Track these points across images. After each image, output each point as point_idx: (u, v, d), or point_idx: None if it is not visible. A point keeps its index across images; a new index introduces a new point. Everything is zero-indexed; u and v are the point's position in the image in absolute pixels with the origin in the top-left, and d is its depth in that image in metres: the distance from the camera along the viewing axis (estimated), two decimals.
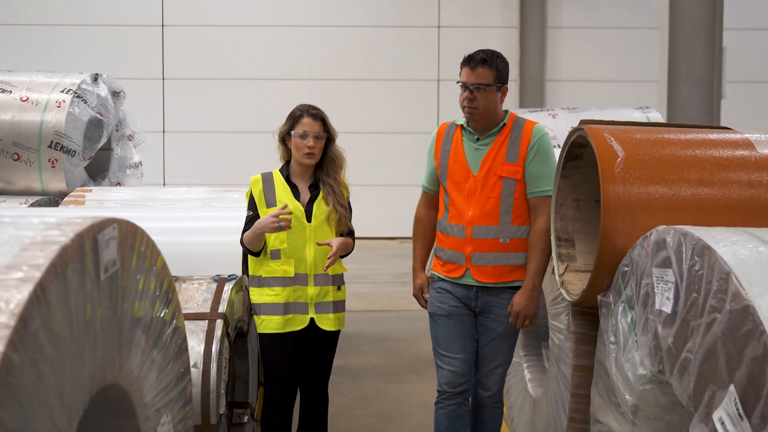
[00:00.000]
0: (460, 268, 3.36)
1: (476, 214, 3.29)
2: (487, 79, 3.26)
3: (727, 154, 2.58)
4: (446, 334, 3.41)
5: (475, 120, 3.33)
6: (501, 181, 3.27)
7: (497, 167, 3.28)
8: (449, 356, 3.39)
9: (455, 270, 3.38)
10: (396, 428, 4.81)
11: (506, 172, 3.28)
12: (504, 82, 3.33)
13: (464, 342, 3.40)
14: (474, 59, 3.28)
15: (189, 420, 2.65)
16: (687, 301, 1.92)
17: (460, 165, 3.34)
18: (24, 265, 1.55)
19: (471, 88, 3.26)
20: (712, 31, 8.03)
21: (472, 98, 3.27)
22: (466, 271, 3.35)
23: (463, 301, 3.39)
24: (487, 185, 3.28)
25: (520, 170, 3.28)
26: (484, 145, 3.33)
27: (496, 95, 3.30)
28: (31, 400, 1.49)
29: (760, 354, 1.57)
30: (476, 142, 3.34)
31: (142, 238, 2.18)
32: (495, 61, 3.29)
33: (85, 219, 1.83)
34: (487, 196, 3.28)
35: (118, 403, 2.12)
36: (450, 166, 3.37)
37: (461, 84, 3.30)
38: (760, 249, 1.81)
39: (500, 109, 3.36)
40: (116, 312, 1.99)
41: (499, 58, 3.33)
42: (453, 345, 3.40)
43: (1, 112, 5.61)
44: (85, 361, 1.78)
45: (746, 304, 1.65)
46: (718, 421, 1.70)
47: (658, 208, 2.49)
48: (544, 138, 3.33)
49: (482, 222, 3.29)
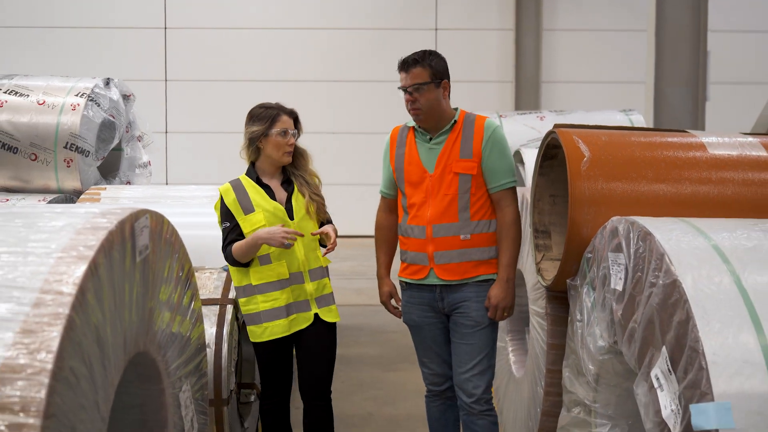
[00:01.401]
0: (424, 268, 3.36)
1: (435, 212, 3.30)
2: (422, 77, 3.27)
3: (681, 155, 2.92)
4: (420, 343, 3.50)
5: (421, 120, 3.34)
6: (457, 177, 3.28)
7: (452, 164, 3.29)
8: (427, 361, 3.50)
9: (419, 271, 3.38)
10: (392, 411, 5.14)
11: (461, 168, 3.28)
12: (442, 78, 3.31)
13: (439, 349, 3.45)
14: (407, 62, 3.31)
15: (205, 391, 3.00)
16: (633, 279, 2.27)
17: (416, 166, 3.35)
18: (80, 246, 1.89)
19: (410, 90, 3.28)
20: (696, 35, 8.28)
21: (413, 99, 3.28)
22: (429, 271, 3.35)
23: (430, 305, 3.40)
24: (444, 183, 3.29)
25: (475, 165, 3.28)
26: (437, 144, 3.33)
27: (437, 92, 3.29)
28: (88, 354, 1.83)
29: (684, 319, 1.92)
30: (429, 142, 3.35)
31: (168, 227, 2.52)
32: (428, 59, 3.29)
33: (124, 209, 2.17)
34: (444, 194, 3.29)
35: (147, 369, 2.47)
36: (405, 168, 3.37)
37: (402, 89, 3.33)
38: (692, 235, 2.16)
39: (446, 106, 3.35)
40: (147, 290, 2.33)
41: (433, 56, 3.32)
42: (428, 353, 3.48)
43: (20, 114, 5.92)
44: (124, 328, 2.12)
45: (674, 278, 1.99)
46: (654, 377, 2.05)
47: (618, 202, 2.83)
48: (496, 132, 3.33)
49: (441, 220, 3.29)
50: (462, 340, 3.36)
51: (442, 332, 3.44)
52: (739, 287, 1.93)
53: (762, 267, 1.98)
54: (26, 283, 1.77)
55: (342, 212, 7.71)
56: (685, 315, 1.91)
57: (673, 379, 1.93)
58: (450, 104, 3.39)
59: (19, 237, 1.94)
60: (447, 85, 3.34)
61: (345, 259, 11.74)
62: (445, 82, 3.32)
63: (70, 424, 1.72)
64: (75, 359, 1.75)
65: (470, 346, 3.34)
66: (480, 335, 3.34)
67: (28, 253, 1.87)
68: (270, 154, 3.47)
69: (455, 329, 3.38)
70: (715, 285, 1.95)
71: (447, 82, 3.34)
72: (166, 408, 2.58)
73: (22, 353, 1.64)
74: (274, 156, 3.47)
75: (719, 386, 1.77)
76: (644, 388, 2.11)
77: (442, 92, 3.31)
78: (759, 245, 2.08)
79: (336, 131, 14.13)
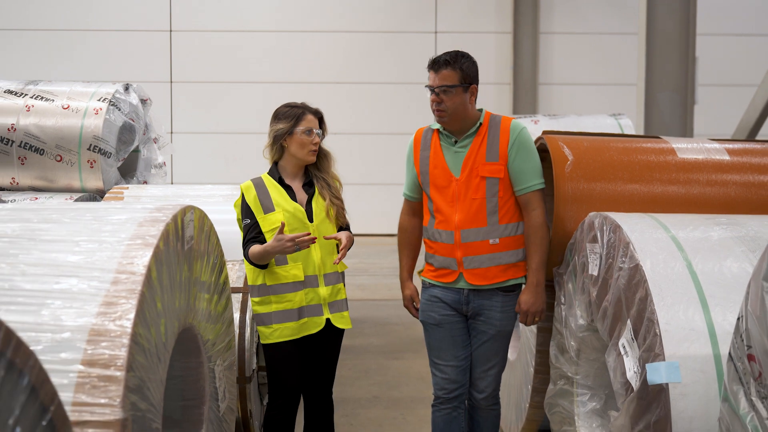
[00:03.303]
0: (453, 273, 3.31)
1: (463, 217, 3.24)
2: (451, 80, 3.21)
3: (653, 158, 3.32)
4: (437, 342, 3.39)
5: (445, 122, 3.28)
6: (484, 181, 3.23)
7: (478, 168, 3.23)
8: (442, 364, 3.38)
9: (448, 275, 3.33)
10: (396, 394, 5.52)
11: (488, 172, 3.23)
12: (471, 82, 3.25)
13: (456, 350, 3.37)
14: (438, 62, 3.24)
15: (234, 366, 3.39)
16: (606, 265, 2.67)
17: (441, 170, 3.29)
18: (145, 236, 2.30)
19: (437, 91, 3.22)
20: (685, 41, 8.59)
21: (439, 101, 3.22)
22: (459, 276, 3.30)
23: (454, 306, 3.35)
24: (471, 187, 3.24)
25: (502, 168, 3.23)
26: (462, 147, 3.28)
27: (464, 96, 3.23)
28: (153, 323, 2.23)
29: (644, 296, 2.32)
30: (455, 145, 3.30)
31: (207, 221, 2.93)
32: (459, 62, 3.23)
33: (174, 206, 2.57)
34: (471, 198, 3.23)
35: (189, 343, 2.87)
36: (431, 172, 3.32)
37: (428, 87, 3.28)
38: (654, 227, 2.56)
39: (472, 110, 3.30)
40: (192, 274, 2.73)
41: (465, 59, 3.26)
42: (444, 353, 3.37)
43: (46, 118, 6.32)
44: (176, 305, 2.52)
45: (637, 263, 2.40)
46: (621, 346, 2.45)
47: (597, 200, 3.24)
48: (523, 133, 3.27)
49: (470, 225, 3.24)
50: (480, 344, 3.35)
51: (462, 333, 3.38)
52: (690, 271, 2.34)
53: (710, 255, 2.38)
54: (104, 265, 2.17)
55: None
56: (645, 293, 2.31)
57: (635, 346, 2.34)
58: (475, 106, 3.34)
59: (92, 228, 2.34)
60: (475, 90, 3.28)
61: (347, 257, 12.08)
62: (473, 87, 3.27)
63: (141, 379, 2.12)
64: (144, 326, 2.15)
65: (488, 350, 3.34)
66: (499, 342, 3.35)
67: (102, 241, 2.27)
68: (294, 153, 3.44)
69: (476, 335, 3.36)
70: (670, 269, 2.35)
71: (475, 87, 3.28)
72: (204, 379, 2.98)
73: (106, 320, 2.04)
74: (298, 155, 3.44)
75: (669, 349, 2.17)
76: (613, 355, 2.52)
77: (469, 97, 3.26)
78: (709, 237, 2.48)
79: (336, 131, 14.40)
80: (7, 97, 6.43)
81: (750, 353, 1.72)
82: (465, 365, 3.38)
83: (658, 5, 8.42)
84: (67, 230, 2.32)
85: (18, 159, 6.31)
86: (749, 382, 1.73)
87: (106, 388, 1.94)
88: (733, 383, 1.80)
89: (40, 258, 2.18)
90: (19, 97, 6.43)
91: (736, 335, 1.81)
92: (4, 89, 6.52)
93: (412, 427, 4.80)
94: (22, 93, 6.48)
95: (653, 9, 8.54)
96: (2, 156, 6.28)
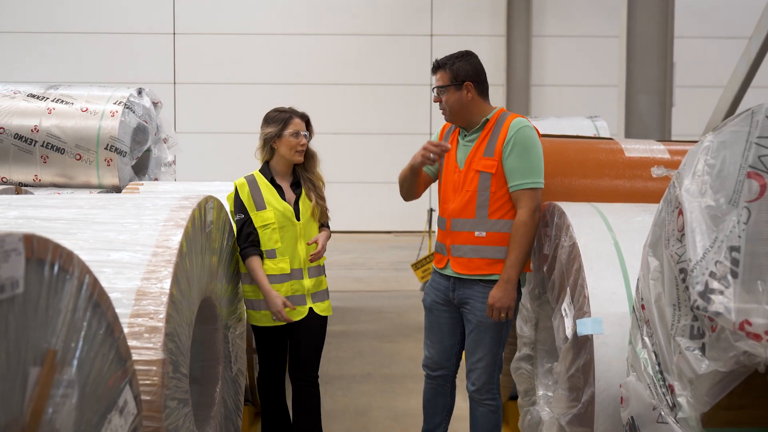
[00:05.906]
0: (443, 258, 3.48)
1: (455, 207, 3.38)
2: (443, 80, 3.38)
3: (603, 157, 3.87)
4: (428, 324, 3.60)
5: (448, 119, 3.47)
6: (477, 175, 3.34)
7: (475, 162, 3.35)
8: (428, 344, 3.61)
9: (441, 260, 3.51)
10: (387, 372, 6.04)
11: (482, 167, 3.33)
12: (464, 80, 3.36)
13: (440, 335, 3.54)
14: (434, 65, 3.44)
15: (244, 336, 3.94)
16: (554, 245, 3.22)
17: (451, 161, 3.46)
18: (176, 218, 2.85)
19: (437, 92, 3.43)
20: (664, 45, 9.05)
21: (438, 100, 3.43)
22: (447, 262, 3.46)
23: (444, 293, 3.50)
24: (467, 180, 3.36)
25: (495, 164, 3.31)
26: (470, 141, 3.42)
27: (459, 93, 3.36)
28: (184, 288, 2.78)
29: (578, 267, 2.88)
30: (464, 139, 3.45)
31: (223, 210, 3.48)
32: (451, 63, 3.38)
33: (198, 195, 3.12)
34: (465, 190, 3.36)
35: (208, 311, 3.42)
36: (444, 162, 3.50)
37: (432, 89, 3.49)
38: (593, 214, 3.12)
39: (475, 106, 3.40)
40: (211, 253, 3.28)
41: (459, 59, 3.39)
42: (430, 335, 3.59)
43: (66, 120, 6.87)
44: (200, 276, 3.07)
45: (574, 241, 2.96)
46: (562, 310, 3.01)
47: (555, 193, 3.78)
48: (521, 132, 3.32)
49: (460, 215, 3.37)
50: (470, 333, 3.45)
51: (448, 321, 3.52)
52: (616, 248, 2.90)
53: (633, 235, 2.93)
54: (146, 241, 2.73)
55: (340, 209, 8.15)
56: (578, 264, 2.87)
57: (572, 308, 2.90)
58: (484, 103, 3.44)
59: (134, 213, 2.90)
60: (470, 87, 3.37)
61: (346, 252, 12.61)
62: (467, 83, 3.36)
63: (176, 332, 2.67)
64: (177, 290, 2.71)
65: (474, 341, 3.42)
66: (483, 333, 3.39)
67: (143, 222, 2.82)
68: (283, 154, 3.70)
69: (465, 323, 3.48)
70: (600, 245, 2.91)
71: (470, 84, 3.37)
72: (220, 342, 3.53)
73: (149, 284, 2.59)
74: (287, 156, 3.70)
75: (594, 308, 2.73)
76: (557, 318, 3.08)
77: (464, 93, 3.37)
78: (636, 221, 3.04)
79: (335, 131, 14.80)
80: (30, 100, 6.98)
81: (642, 304, 2.28)
82: (451, 352, 3.55)
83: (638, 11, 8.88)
84: (113, 214, 2.88)
85: (40, 158, 6.87)
86: (642, 327, 2.29)
87: (151, 335, 2.49)
88: (634, 328, 2.36)
89: (94, 236, 2.74)
90: (41, 101, 6.98)
91: (636, 292, 2.37)
92: (27, 93, 7.06)
93: (401, 398, 5.32)
94: (44, 97, 7.03)
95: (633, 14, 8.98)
96: (26, 155, 6.83)
